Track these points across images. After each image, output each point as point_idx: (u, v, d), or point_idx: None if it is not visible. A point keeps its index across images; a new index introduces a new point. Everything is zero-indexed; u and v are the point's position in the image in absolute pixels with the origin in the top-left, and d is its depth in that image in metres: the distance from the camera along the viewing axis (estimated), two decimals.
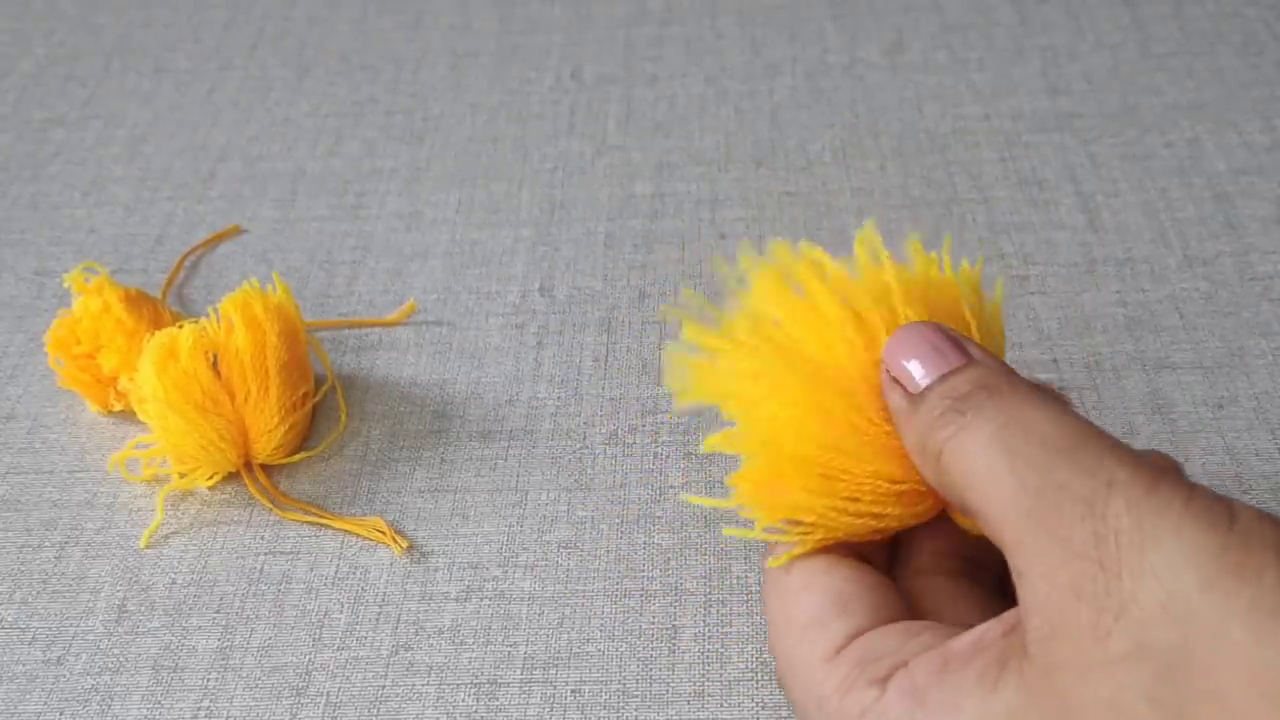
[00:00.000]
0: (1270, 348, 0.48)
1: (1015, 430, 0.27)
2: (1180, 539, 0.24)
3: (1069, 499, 0.25)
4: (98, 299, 0.48)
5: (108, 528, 0.45)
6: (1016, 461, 0.26)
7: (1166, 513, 0.24)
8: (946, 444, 0.28)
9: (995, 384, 0.28)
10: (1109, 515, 0.24)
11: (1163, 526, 0.24)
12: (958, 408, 0.28)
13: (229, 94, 0.66)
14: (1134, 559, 0.24)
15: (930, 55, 0.65)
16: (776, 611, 0.31)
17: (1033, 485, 0.26)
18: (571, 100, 0.64)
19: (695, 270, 0.53)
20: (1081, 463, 0.26)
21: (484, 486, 0.45)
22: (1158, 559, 0.24)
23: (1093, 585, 0.24)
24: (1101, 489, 0.25)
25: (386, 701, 0.39)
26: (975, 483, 0.27)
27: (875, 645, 0.28)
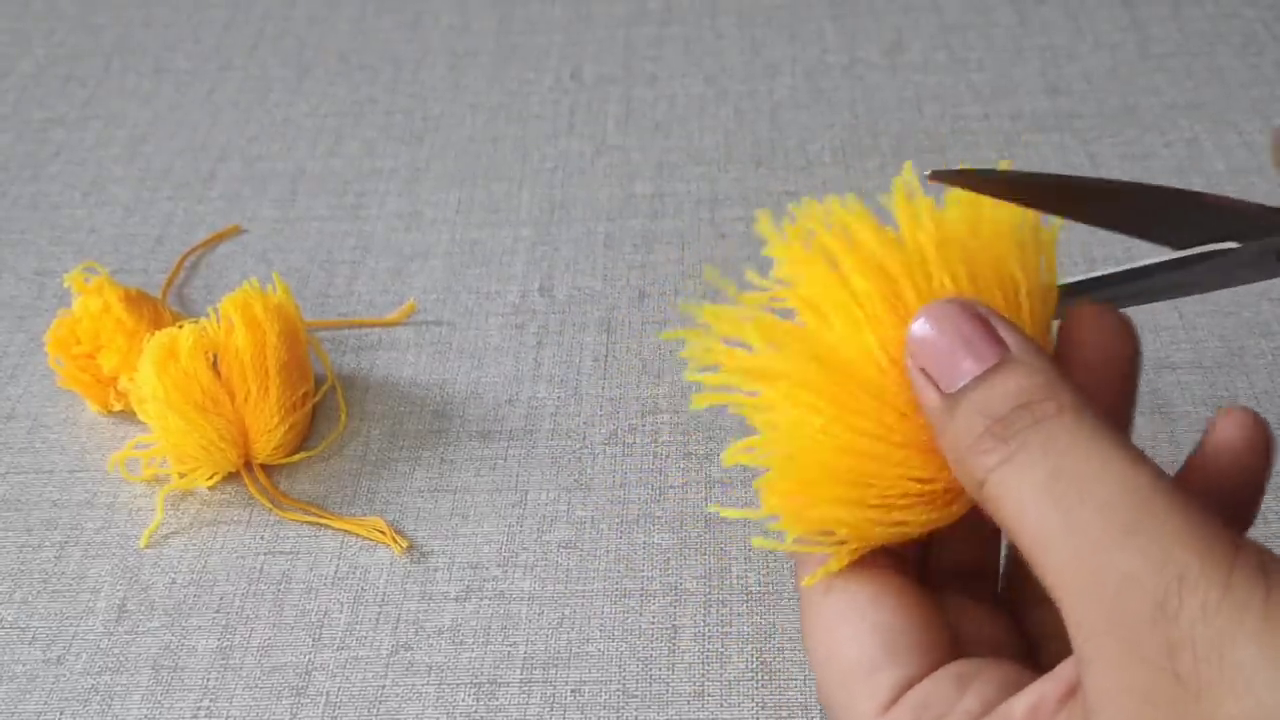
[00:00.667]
0: (1270, 348, 0.48)
1: (1069, 485, 0.24)
2: (1263, 650, 0.22)
3: (1136, 593, 0.23)
4: (98, 299, 0.48)
5: (108, 528, 0.45)
6: (1073, 529, 0.24)
7: (1246, 617, 0.22)
8: (991, 475, 0.25)
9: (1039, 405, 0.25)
10: (1181, 619, 0.22)
11: (1242, 637, 0.22)
12: (999, 434, 0.25)
13: (229, 94, 0.66)
14: (1212, 676, 0.22)
15: (930, 55, 0.65)
16: (818, 646, 0.28)
17: (1093, 566, 0.23)
18: (571, 100, 0.64)
19: (695, 270, 0.53)
20: (1146, 547, 0.23)
21: (484, 486, 0.45)
22: (1239, 675, 0.22)
23: (1169, 698, 0.22)
24: (1172, 585, 0.23)
25: (386, 701, 0.39)
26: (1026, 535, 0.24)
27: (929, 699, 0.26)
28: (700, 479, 0.45)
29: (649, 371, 0.49)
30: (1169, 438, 0.45)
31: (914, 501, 0.28)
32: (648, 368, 0.49)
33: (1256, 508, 0.29)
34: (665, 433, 0.46)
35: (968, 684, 0.27)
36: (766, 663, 0.39)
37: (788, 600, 0.41)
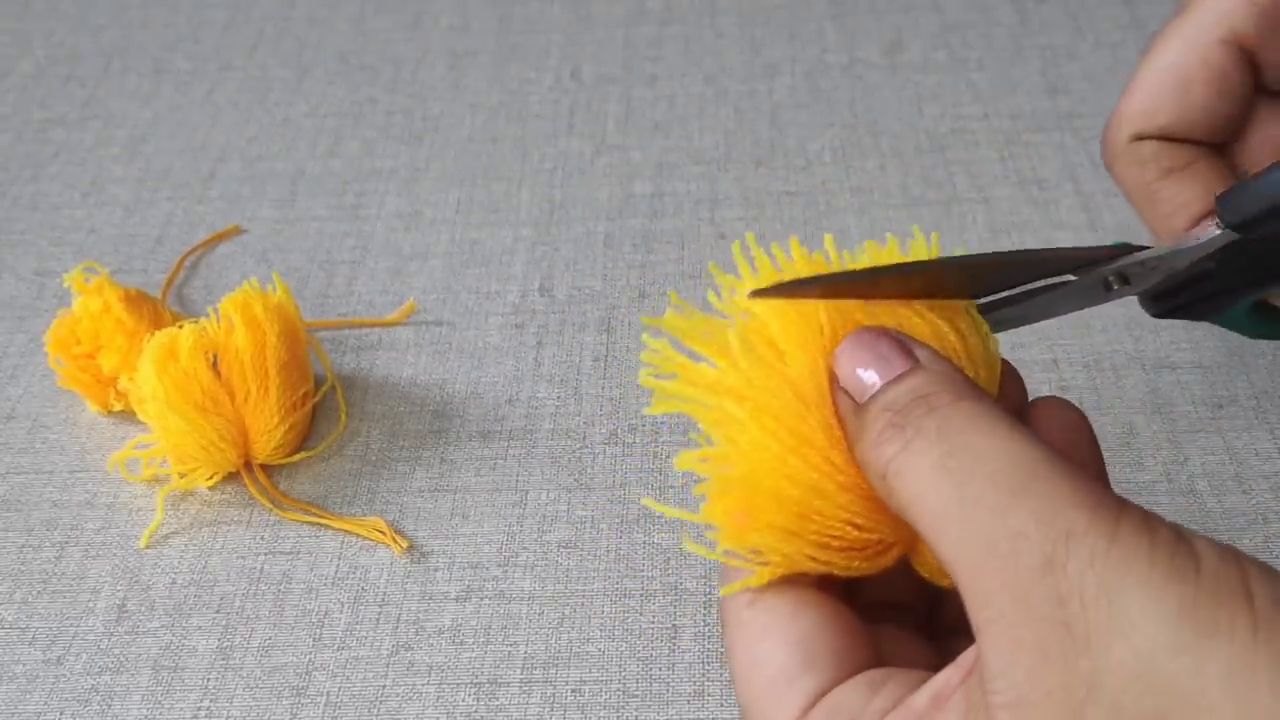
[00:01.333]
0: (1270, 347, 0.48)
1: (961, 459, 0.25)
2: (1147, 595, 0.22)
3: (1026, 549, 0.24)
4: (98, 299, 0.48)
5: (108, 528, 0.45)
6: (966, 500, 0.25)
7: (1132, 566, 0.23)
8: (890, 465, 0.26)
9: (935, 395, 0.27)
10: (1070, 570, 0.23)
11: (1129, 582, 0.23)
12: (897, 422, 0.27)
13: (229, 94, 0.66)
14: (1101, 621, 0.23)
15: (930, 55, 0.65)
16: (740, 655, 0.29)
17: (986, 531, 0.24)
18: (571, 100, 0.64)
19: (695, 270, 0.53)
20: (1035, 507, 0.24)
21: (484, 486, 0.45)
22: (1126, 620, 0.22)
23: (1060, 650, 0.23)
24: (1060, 539, 0.23)
25: (386, 701, 0.39)
26: (925, 515, 0.26)
27: (842, 704, 0.27)
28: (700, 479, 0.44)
29: None
30: (1169, 438, 0.45)
31: (848, 546, 0.29)
32: None
33: None
34: (665, 433, 0.46)
35: (880, 687, 0.27)
36: None
37: None
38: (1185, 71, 0.37)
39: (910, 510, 0.26)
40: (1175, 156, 0.38)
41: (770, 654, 0.29)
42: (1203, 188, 0.38)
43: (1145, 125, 0.38)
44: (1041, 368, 0.47)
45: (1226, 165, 0.39)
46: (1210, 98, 0.37)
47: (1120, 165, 0.39)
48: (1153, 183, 0.39)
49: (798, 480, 0.28)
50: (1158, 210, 0.39)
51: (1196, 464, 0.44)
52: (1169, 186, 0.38)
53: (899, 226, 0.54)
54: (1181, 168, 0.38)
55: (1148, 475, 0.43)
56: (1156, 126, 0.38)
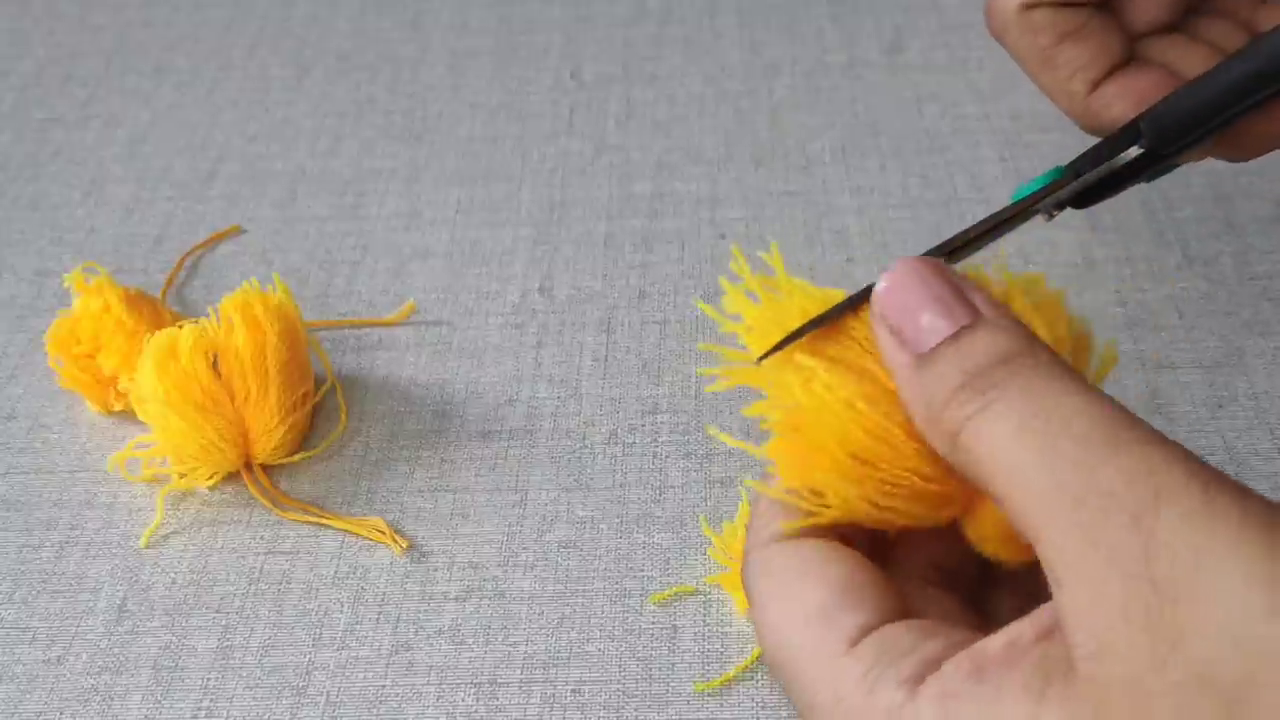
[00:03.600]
0: (1270, 347, 0.48)
1: (1047, 420, 0.24)
2: (1239, 557, 0.22)
3: (1114, 507, 0.23)
4: (98, 299, 0.48)
5: (108, 528, 0.45)
6: (1052, 458, 0.24)
7: (1224, 527, 0.22)
8: (966, 424, 0.25)
9: (1017, 357, 0.26)
10: (1159, 529, 0.22)
11: (1220, 543, 0.22)
12: (977, 385, 0.25)
13: (229, 94, 0.66)
14: (1189, 580, 0.22)
15: (929, 55, 0.65)
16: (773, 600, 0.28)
17: (1072, 489, 0.24)
18: (571, 100, 0.64)
19: (695, 270, 0.53)
20: (1126, 465, 0.23)
21: (484, 486, 0.45)
22: (1216, 580, 0.22)
23: (1145, 607, 0.22)
24: (1150, 498, 0.23)
25: (386, 701, 0.39)
26: (1001, 474, 0.25)
27: (894, 642, 0.26)
28: (700, 479, 0.45)
29: (649, 371, 0.49)
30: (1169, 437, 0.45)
31: (909, 495, 0.28)
32: (648, 368, 0.49)
33: None
34: (665, 433, 0.46)
35: (930, 633, 0.26)
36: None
37: None
38: None
39: (984, 469, 0.25)
40: (1068, 20, 0.39)
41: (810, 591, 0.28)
42: (1096, 46, 0.39)
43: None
44: None
45: (1112, 19, 0.40)
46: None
47: (1013, 34, 0.40)
48: (1048, 48, 0.40)
49: (865, 425, 0.28)
50: (1056, 75, 0.40)
51: None
52: (1065, 51, 0.39)
53: (899, 226, 0.54)
54: (1075, 30, 0.39)
55: None
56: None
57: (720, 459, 0.45)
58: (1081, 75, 0.39)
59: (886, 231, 0.54)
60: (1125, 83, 0.39)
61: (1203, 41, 0.41)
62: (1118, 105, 0.39)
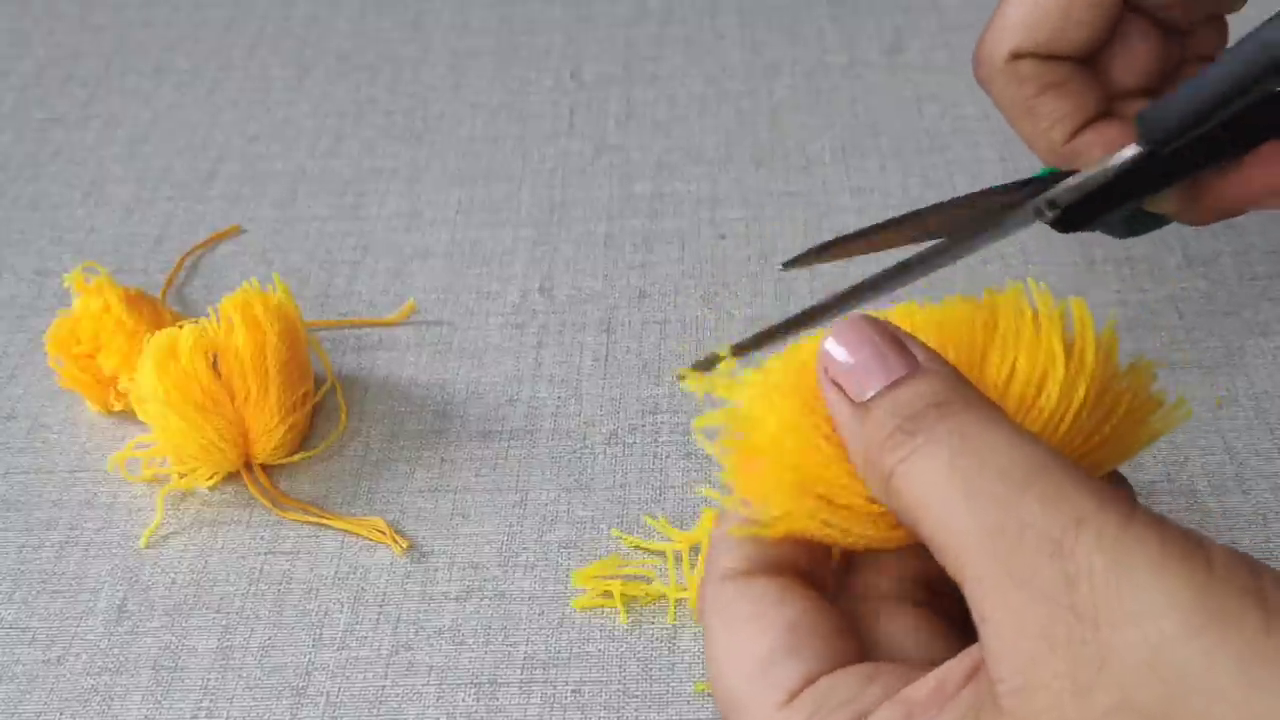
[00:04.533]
0: (1270, 347, 0.48)
1: (971, 458, 0.25)
2: (1159, 580, 0.22)
3: (1033, 536, 0.23)
4: (98, 299, 0.48)
5: (108, 528, 0.45)
6: (974, 493, 0.24)
7: (1143, 550, 0.22)
8: (897, 468, 0.26)
9: (947, 401, 0.26)
10: (1079, 553, 0.23)
11: (1139, 566, 0.22)
12: (907, 428, 0.26)
13: (229, 94, 0.66)
14: (1111, 604, 0.22)
15: (929, 55, 0.65)
16: (721, 641, 0.28)
17: (992, 521, 0.24)
18: (571, 100, 0.64)
19: (695, 270, 0.53)
20: (1045, 495, 0.24)
21: (484, 486, 0.45)
22: (1137, 603, 0.22)
23: (1067, 633, 0.22)
24: (1070, 525, 0.23)
25: (386, 701, 0.39)
26: (929, 514, 0.25)
27: (832, 692, 0.26)
28: (700, 479, 0.45)
29: (649, 371, 0.49)
30: (1169, 438, 0.45)
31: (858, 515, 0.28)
32: (648, 368, 0.49)
33: None
34: (665, 433, 0.46)
35: (874, 679, 0.26)
36: None
37: None
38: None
39: (914, 512, 0.26)
40: (1052, 73, 0.41)
41: (756, 637, 0.28)
42: (1077, 100, 0.41)
43: (1025, 44, 0.40)
44: None
45: (1094, 76, 0.42)
46: (1089, 17, 0.40)
47: (998, 83, 0.41)
48: (1031, 98, 0.41)
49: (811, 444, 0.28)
50: (1037, 125, 0.41)
51: (1196, 464, 0.44)
52: (1047, 102, 0.41)
53: None
54: (1058, 83, 0.41)
55: (1148, 475, 0.43)
56: (1036, 45, 0.40)
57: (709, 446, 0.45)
58: (1060, 125, 0.41)
59: None
60: (1101, 132, 0.41)
61: None
62: (1093, 152, 0.40)
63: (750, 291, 0.52)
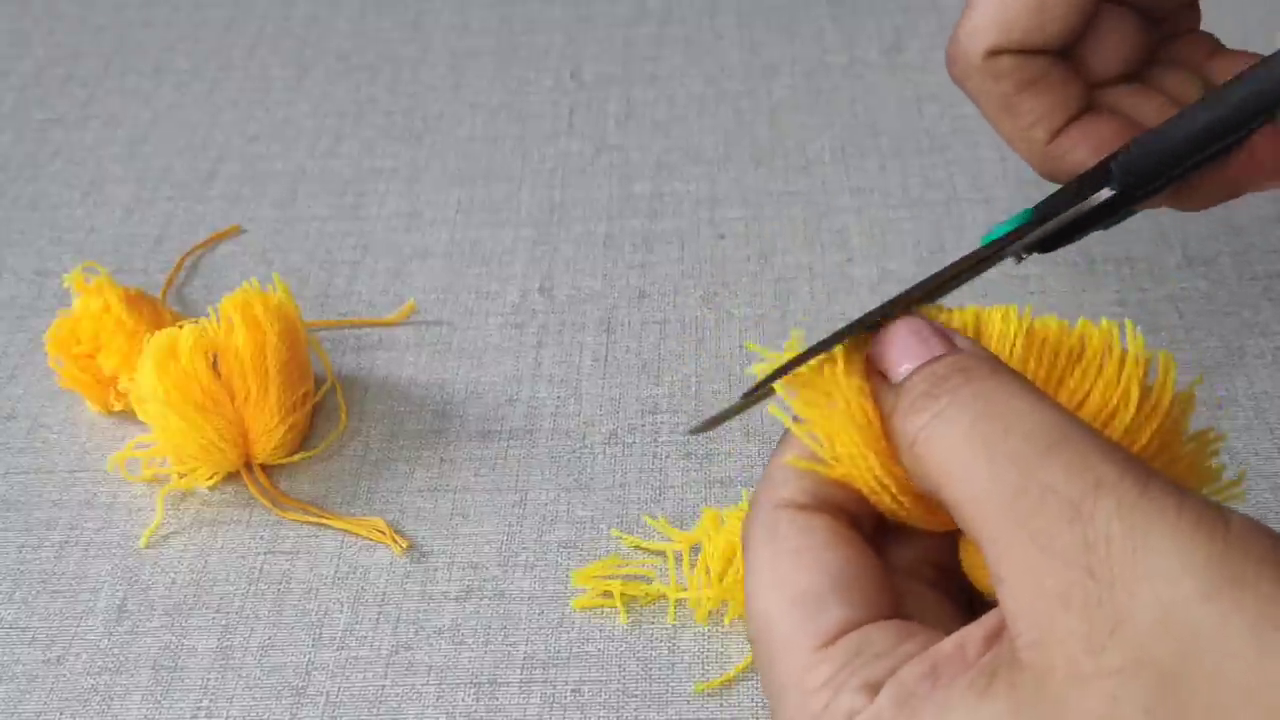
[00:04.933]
0: (1270, 347, 0.48)
1: (994, 421, 0.25)
2: (1176, 545, 0.22)
3: (1054, 500, 0.24)
4: (98, 299, 0.48)
5: (107, 527, 0.45)
6: (995, 456, 0.25)
7: (1160, 517, 0.23)
8: (920, 433, 0.26)
9: (973, 367, 0.27)
10: (1098, 518, 0.23)
11: (1156, 531, 0.23)
12: (932, 392, 0.26)
13: (229, 94, 0.66)
14: (1127, 566, 0.23)
15: (929, 55, 0.65)
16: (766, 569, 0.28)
17: (1013, 484, 0.24)
18: (571, 100, 0.64)
19: (695, 270, 0.53)
20: (1067, 460, 0.24)
21: (484, 486, 0.45)
22: (1153, 566, 0.22)
23: (1083, 594, 0.23)
24: (1089, 490, 0.23)
25: (386, 701, 0.39)
26: (950, 476, 0.25)
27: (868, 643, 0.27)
28: (700, 479, 0.45)
29: (649, 371, 0.49)
30: None
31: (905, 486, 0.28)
32: (648, 368, 0.49)
33: None
34: (665, 433, 0.46)
35: (908, 635, 0.27)
36: None
37: None
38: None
39: (936, 476, 0.26)
40: (1030, 68, 0.40)
41: (804, 573, 0.28)
42: (1057, 95, 0.40)
43: (1001, 40, 0.39)
44: None
45: (1073, 68, 0.41)
46: (1064, 10, 0.39)
47: (975, 80, 0.41)
48: (1010, 95, 0.40)
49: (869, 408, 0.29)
50: (1018, 122, 0.40)
51: None
52: (1027, 99, 0.40)
53: (899, 226, 0.54)
54: (1037, 79, 0.40)
55: None
56: (1012, 41, 0.39)
57: (720, 459, 0.45)
58: (1043, 123, 0.40)
59: (886, 231, 0.54)
60: (1085, 130, 0.40)
61: (1160, 91, 0.42)
62: (1077, 152, 0.40)
63: (750, 291, 0.52)
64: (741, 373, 0.48)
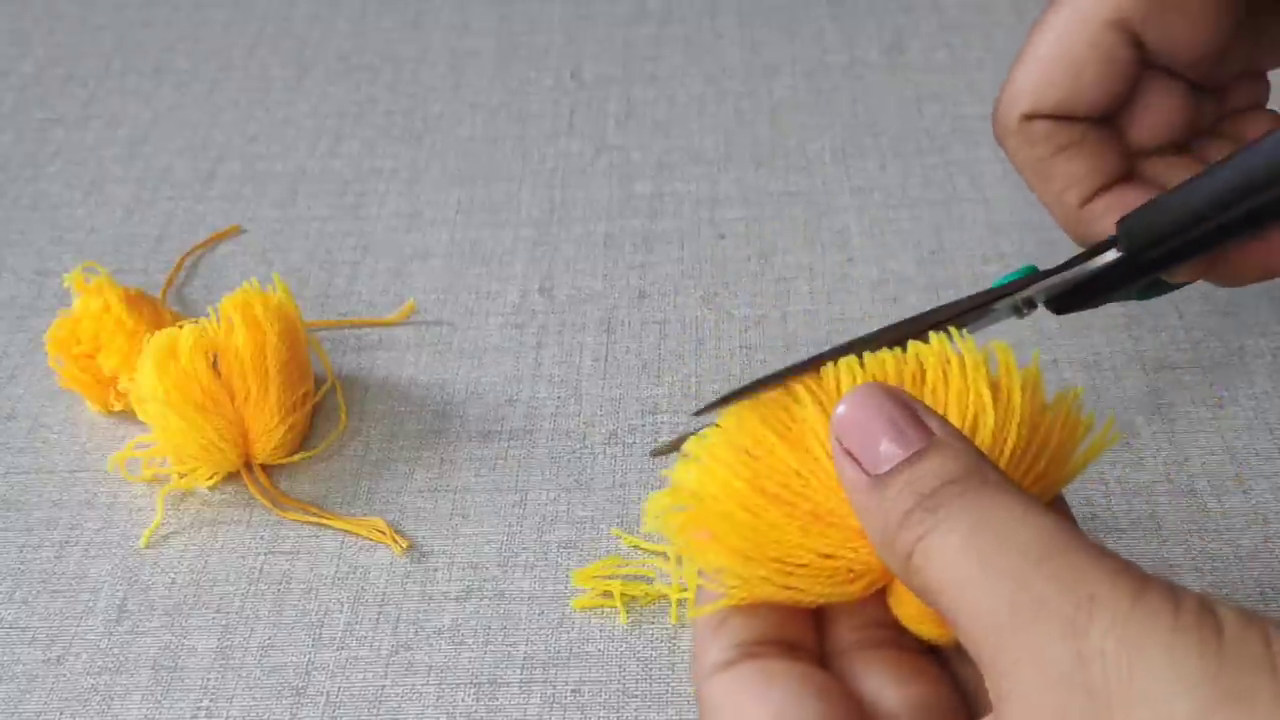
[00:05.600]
0: (1270, 347, 0.48)
1: (988, 535, 0.25)
2: (1170, 660, 0.22)
3: (1048, 615, 0.23)
4: (98, 299, 0.48)
5: (107, 527, 0.45)
6: (990, 571, 0.24)
7: (1154, 631, 0.23)
8: (917, 546, 0.26)
9: (965, 478, 0.26)
10: (1092, 634, 0.23)
11: (1151, 647, 0.22)
12: (927, 506, 0.26)
13: (229, 94, 0.66)
14: (1123, 686, 0.22)
15: (929, 55, 0.65)
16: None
17: (1007, 599, 0.24)
18: (571, 100, 0.64)
19: (695, 270, 0.53)
20: (1060, 574, 0.24)
21: (484, 486, 0.45)
22: (1148, 688, 0.22)
23: (1080, 714, 0.23)
24: (1084, 604, 0.23)
25: (386, 701, 0.39)
26: (947, 591, 0.25)
27: None
28: None
29: (649, 371, 0.49)
30: (1169, 438, 0.45)
31: (813, 573, 0.28)
32: (648, 368, 0.49)
33: None
34: (665, 432, 0.46)
35: None
36: None
37: None
38: (1075, 54, 0.38)
39: (934, 589, 0.26)
40: (1066, 134, 0.39)
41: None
42: (1093, 162, 0.39)
43: (1037, 105, 0.39)
44: (1042, 367, 0.47)
45: (1113, 135, 0.40)
46: (1101, 79, 0.38)
47: (1012, 142, 0.40)
48: (1045, 159, 0.40)
49: (753, 508, 0.28)
50: (1051, 186, 0.40)
51: (1196, 464, 0.44)
52: (1060, 163, 0.40)
53: (899, 226, 0.54)
54: (1072, 144, 0.39)
55: (1148, 475, 0.43)
56: (1048, 106, 0.39)
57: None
58: (1076, 189, 0.39)
59: (886, 231, 0.54)
60: (1118, 198, 0.39)
61: (1203, 162, 0.40)
62: (1107, 219, 0.39)
63: (750, 291, 0.52)
64: (741, 373, 0.48)
